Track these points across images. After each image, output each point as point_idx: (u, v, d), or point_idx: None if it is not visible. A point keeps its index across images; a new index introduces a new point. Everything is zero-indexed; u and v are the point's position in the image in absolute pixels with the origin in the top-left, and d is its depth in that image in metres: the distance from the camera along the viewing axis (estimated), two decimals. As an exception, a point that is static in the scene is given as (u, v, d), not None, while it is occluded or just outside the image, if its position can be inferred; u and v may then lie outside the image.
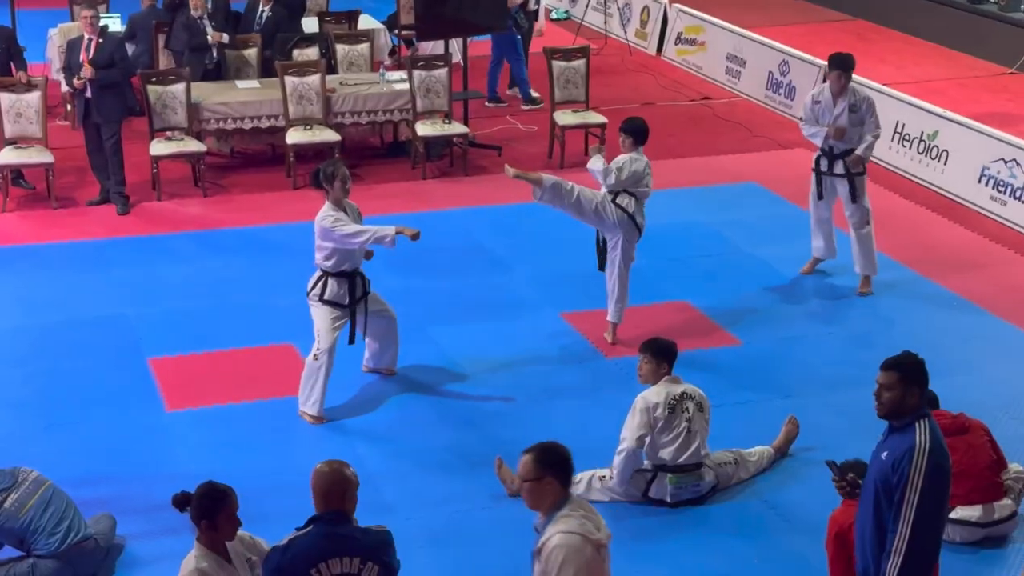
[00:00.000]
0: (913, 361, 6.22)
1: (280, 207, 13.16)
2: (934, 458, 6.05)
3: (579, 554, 5.82)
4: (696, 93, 17.41)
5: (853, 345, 10.55)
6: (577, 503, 6.00)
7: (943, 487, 6.13)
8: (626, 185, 10.14)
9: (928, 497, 6.02)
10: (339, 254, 9.14)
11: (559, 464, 5.93)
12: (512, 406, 9.53)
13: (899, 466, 6.04)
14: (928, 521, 6.06)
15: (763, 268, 11.93)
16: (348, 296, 9.23)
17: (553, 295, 11.31)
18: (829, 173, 11.38)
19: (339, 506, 5.88)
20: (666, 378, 8.34)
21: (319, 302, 9.19)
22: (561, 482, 5.91)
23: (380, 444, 9.08)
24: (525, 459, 5.94)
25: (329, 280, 9.20)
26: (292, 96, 13.73)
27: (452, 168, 14.45)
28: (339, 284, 9.21)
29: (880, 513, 6.17)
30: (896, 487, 6.05)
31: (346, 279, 9.22)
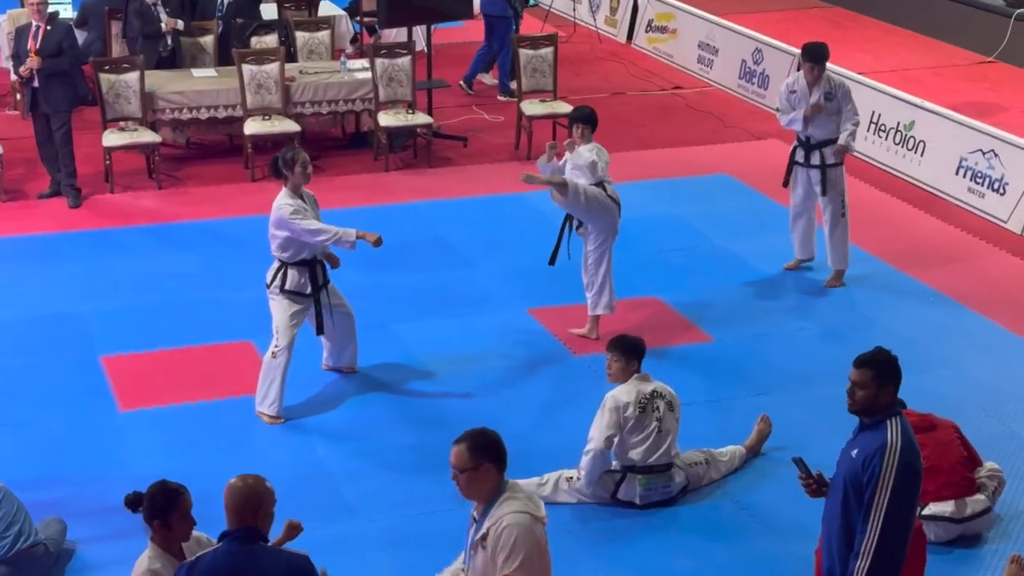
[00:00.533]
0: (886, 358, 6.27)
1: (238, 199, 13.13)
2: (905, 457, 6.10)
3: (530, 534, 5.95)
4: (667, 82, 17.45)
5: (827, 341, 10.60)
6: (514, 485, 6.09)
7: (914, 487, 6.18)
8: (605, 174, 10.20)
9: (898, 496, 6.07)
10: (295, 244, 9.12)
11: (494, 449, 6.03)
12: (477, 405, 9.53)
13: (870, 464, 6.09)
14: (898, 521, 6.10)
15: (736, 262, 11.97)
16: (310, 285, 9.22)
17: (519, 290, 11.33)
18: (805, 164, 11.42)
19: (252, 522, 5.79)
20: (636, 376, 8.37)
21: (280, 294, 9.17)
22: (498, 468, 6.02)
23: (341, 444, 9.07)
24: (458, 449, 6.01)
25: (289, 270, 9.19)
26: (250, 85, 13.70)
27: (416, 160, 14.45)
28: (299, 273, 9.20)
29: (849, 512, 6.22)
30: (866, 485, 6.10)
31: (306, 267, 9.22)
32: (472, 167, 14.29)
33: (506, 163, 14.33)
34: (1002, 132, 13.38)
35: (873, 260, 12.07)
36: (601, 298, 10.41)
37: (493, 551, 5.94)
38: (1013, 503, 8.44)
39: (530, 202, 13.13)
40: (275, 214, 9.07)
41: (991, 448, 8.71)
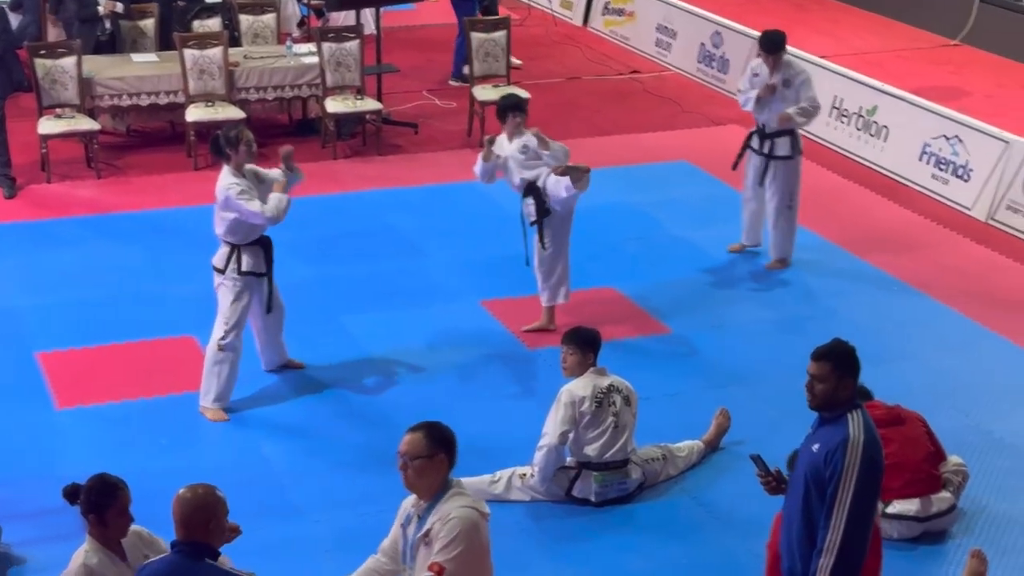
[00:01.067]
0: (844, 350, 6.29)
1: (180, 189, 13.06)
2: (868, 451, 6.12)
3: (476, 531, 5.94)
4: (624, 66, 17.46)
5: (787, 332, 10.64)
6: (459, 483, 6.07)
7: (876, 481, 6.21)
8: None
9: (861, 492, 6.09)
10: (244, 225, 9.08)
11: (450, 442, 6.02)
12: (428, 400, 9.51)
13: (832, 459, 6.11)
14: (861, 517, 6.13)
15: (694, 252, 12.00)
16: (265, 263, 9.22)
17: (472, 282, 11.32)
18: (759, 152, 11.48)
19: (201, 536, 5.70)
20: (592, 370, 8.37)
21: (238, 277, 9.12)
22: (450, 462, 6.00)
23: (287, 442, 9.05)
24: (415, 436, 5.97)
25: (242, 252, 9.15)
26: (192, 70, 13.63)
27: (365, 147, 14.41)
28: (254, 252, 9.19)
29: (810, 509, 6.23)
30: (829, 481, 6.11)
31: (260, 246, 9.21)
32: (423, 154, 14.27)
33: (458, 150, 14.31)
34: (966, 117, 13.47)
35: (834, 248, 12.13)
36: (561, 287, 10.43)
37: (439, 545, 5.90)
38: (977, 498, 8.50)
39: (482, 190, 13.08)
40: (221, 195, 9.02)
41: (955, 441, 8.76)
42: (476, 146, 14.22)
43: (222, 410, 9.25)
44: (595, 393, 8.26)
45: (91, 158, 13.54)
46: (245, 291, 9.18)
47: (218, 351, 9.18)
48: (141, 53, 14.44)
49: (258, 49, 14.59)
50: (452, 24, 16.49)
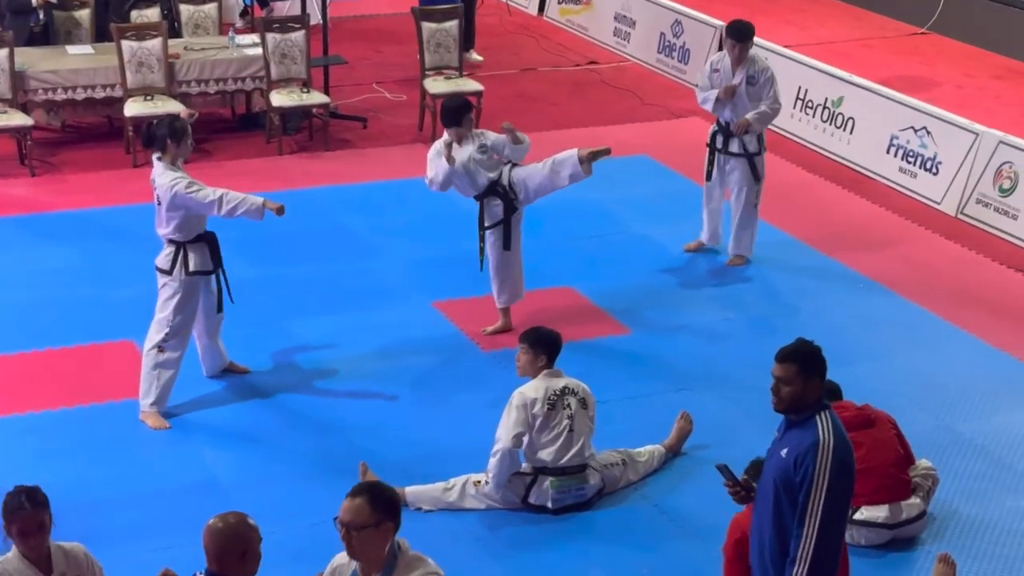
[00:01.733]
0: (809, 350, 6.30)
1: (118, 187, 13.02)
2: (839, 454, 6.13)
3: None
4: (581, 57, 17.51)
5: (751, 332, 10.70)
6: (406, 547, 5.60)
7: (848, 485, 6.22)
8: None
9: (833, 496, 6.10)
10: (192, 221, 9.05)
11: (395, 505, 5.56)
12: (378, 406, 9.53)
13: (802, 463, 6.12)
14: (833, 522, 6.15)
15: (654, 249, 12.05)
16: (211, 260, 9.20)
17: (424, 282, 11.34)
18: (724, 151, 11.51)
19: (236, 569, 5.58)
20: (546, 372, 8.40)
21: (186, 278, 9.09)
22: (396, 527, 5.53)
23: (232, 451, 9.03)
24: (357, 503, 5.48)
25: (188, 252, 9.11)
26: (130, 63, 13.58)
27: (311, 142, 14.41)
28: (200, 250, 9.16)
29: (781, 516, 6.23)
30: (800, 486, 6.12)
31: (205, 242, 9.18)
32: (372, 150, 14.27)
33: (409, 145, 14.32)
34: (935, 108, 13.57)
35: (799, 245, 12.20)
36: (517, 286, 10.49)
37: None
38: (947, 502, 8.56)
39: (435, 187, 13.15)
40: (168, 192, 8.92)
41: (925, 444, 8.83)
42: (427, 140, 14.22)
43: (163, 417, 9.23)
44: (548, 395, 8.29)
45: (24, 155, 13.48)
46: (192, 292, 9.16)
47: (158, 353, 9.14)
48: (76, 45, 14.38)
49: (199, 40, 14.55)
50: (401, 13, 16.48)
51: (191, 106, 13.76)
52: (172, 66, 13.80)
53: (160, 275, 9.20)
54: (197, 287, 9.19)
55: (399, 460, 8.81)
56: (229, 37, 14.39)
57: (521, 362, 8.45)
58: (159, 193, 9.01)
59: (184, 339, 9.24)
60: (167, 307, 9.16)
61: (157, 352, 9.16)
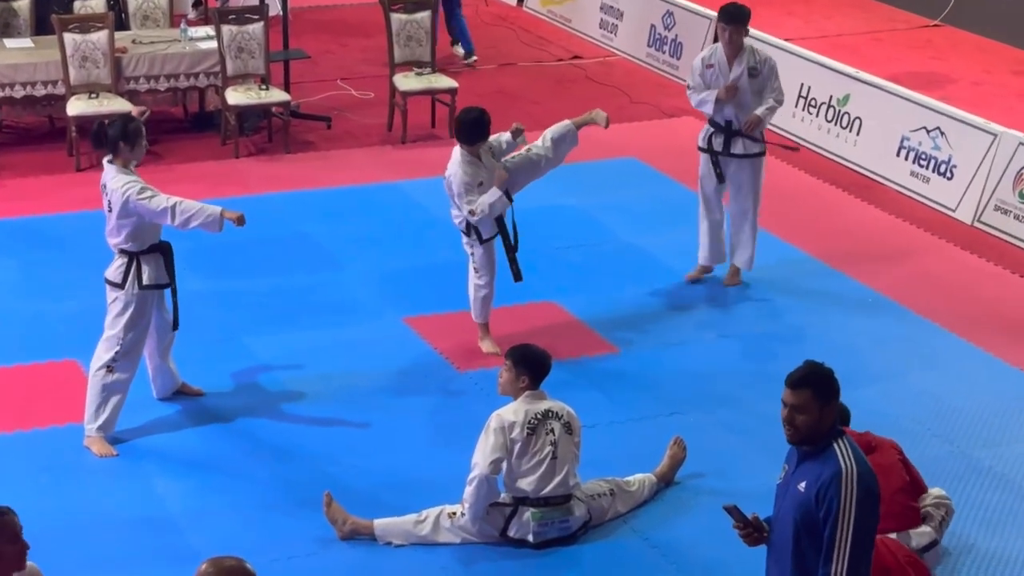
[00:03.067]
0: (823, 373, 6.27)
1: (60, 193, 13.03)
2: (864, 482, 6.11)
3: None
4: (564, 51, 17.57)
5: (750, 351, 10.74)
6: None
7: (876, 515, 6.20)
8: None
9: (861, 528, 6.10)
10: (145, 229, 9.05)
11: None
12: (344, 431, 9.54)
13: (825, 497, 6.10)
14: (864, 556, 6.13)
15: (645, 260, 12.09)
16: (167, 271, 9.20)
17: (393, 296, 11.36)
18: (725, 154, 11.45)
19: None
20: (528, 393, 8.42)
21: (139, 292, 9.09)
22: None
23: (185, 481, 9.04)
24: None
25: (142, 263, 9.11)
26: (74, 57, 13.60)
27: (271, 144, 14.44)
28: (154, 262, 9.14)
29: (803, 556, 6.21)
30: (824, 522, 6.11)
31: (159, 252, 9.18)
32: (337, 152, 14.30)
33: (377, 147, 14.36)
34: (949, 107, 13.62)
35: (802, 257, 12.24)
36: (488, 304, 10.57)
37: None
38: (963, 534, 8.59)
39: (405, 192, 13.17)
40: (119, 197, 8.91)
41: (938, 472, 8.87)
42: (397, 142, 14.30)
43: (109, 443, 9.24)
44: (528, 419, 8.30)
45: (-43, 158, 13.50)
46: (145, 307, 9.16)
47: (107, 373, 9.14)
48: (14, 38, 14.39)
49: (148, 33, 14.57)
50: (368, 4, 16.52)
51: (140, 104, 13.79)
52: (119, 61, 13.82)
53: (110, 289, 9.18)
54: (150, 302, 9.19)
55: (367, 489, 8.82)
56: (181, 29, 14.43)
57: (503, 379, 8.48)
58: (110, 199, 9.00)
59: (135, 358, 9.25)
60: (117, 323, 9.16)
61: (106, 372, 9.16)
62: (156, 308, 9.31)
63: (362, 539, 8.36)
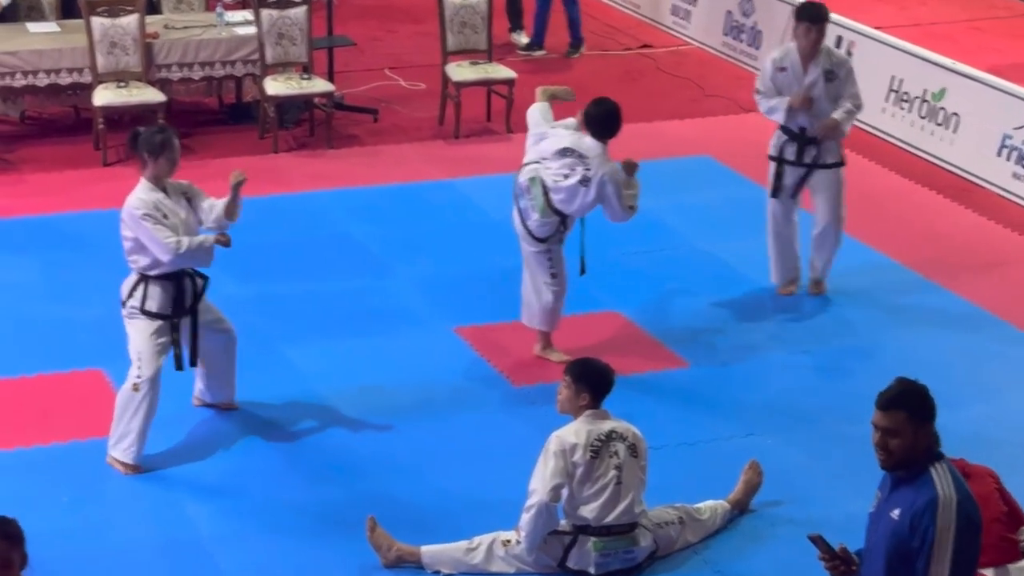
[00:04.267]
0: (917, 392, 6.21)
1: (86, 189, 13.10)
2: (964, 509, 6.06)
3: None
4: (633, 40, 17.56)
5: (832, 368, 10.68)
6: None
7: (977, 546, 6.15)
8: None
9: (961, 560, 6.06)
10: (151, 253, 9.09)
11: None
12: (390, 449, 9.55)
13: (920, 525, 6.06)
14: (964, 587, 6.15)
15: (718, 268, 12.08)
16: (172, 304, 9.22)
17: (444, 304, 11.37)
18: (798, 163, 11.40)
19: None
20: (589, 412, 8.39)
21: (141, 314, 9.13)
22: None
23: (215, 500, 9.07)
24: None
25: (150, 286, 9.16)
26: (101, 43, 13.66)
27: (312, 138, 14.48)
28: (163, 290, 9.17)
29: None
30: (919, 553, 6.07)
31: (171, 282, 9.19)
32: (384, 147, 14.33)
33: (427, 142, 14.38)
34: (1055, 103, 13.56)
35: (891, 265, 12.19)
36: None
37: None
38: (1065, 571, 8.54)
39: (458, 191, 13.18)
40: (125, 209, 9.01)
41: (1038, 502, 8.81)
42: (449, 136, 14.32)
43: (136, 461, 9.28)
44: (591, 440, 8.28)
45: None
46: (153, 331, 9.20)
47: (132, 391, 9.18)
48: (38, 22, 14.47)
49: (182, 17, 14.64)
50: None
51: (171, 93, 13.87)
52: (150, 47, 13.88)
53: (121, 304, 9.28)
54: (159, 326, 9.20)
55: (414, 513, 8.84)
56: (217, 13, 14.47)
57: (562, 396, 8.45)
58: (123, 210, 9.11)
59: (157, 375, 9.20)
60: (133, 343, 9.20)
61: (132, 391, 9.16)
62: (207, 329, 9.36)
63: (408, 567, 8.37)
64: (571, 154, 10.24)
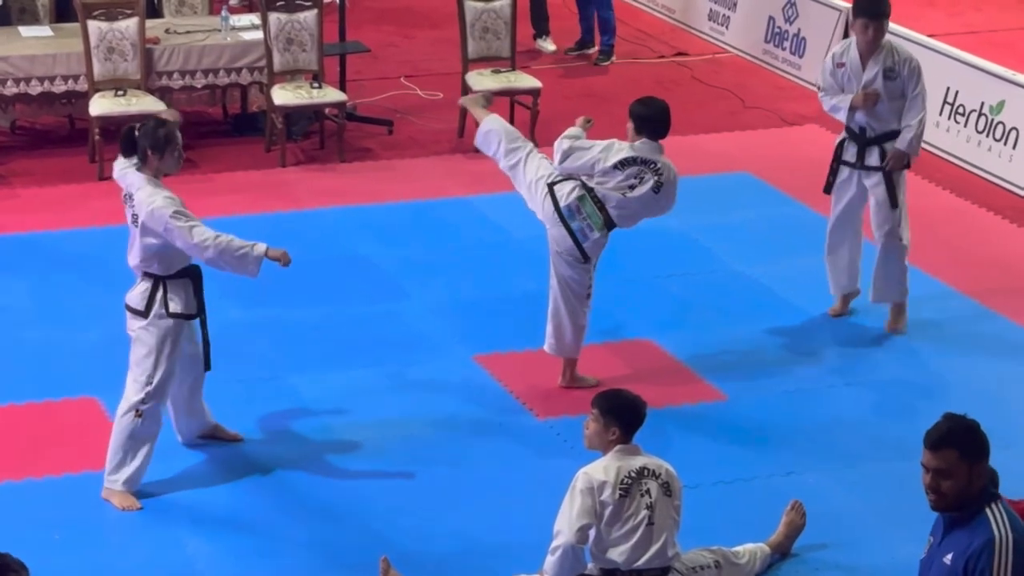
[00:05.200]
0: (966, 427, 6.19)
1: (79, 205, 13.14)
2: (1021, 552, 6.07)
3: None
4: (667, 47, 17.58)
5: (882, 403, 10.65)
6: None
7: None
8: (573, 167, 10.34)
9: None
10: (173, 252, 9.09)
11: None
12: (405, 486, 9.56)
13: (975, 568, 6.04)
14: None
15: (758, 293, 12.08)
16: (196, 300, 9.25)
17: (464, 330, 11.39)
18: (858, 165, 11.37)
19: None
20: (619, 448, 8.38)
21: (166, 319, 9.15)
22: None
23: (217, 540, 9.08)
24: None
25: (169, 287, 9.18)
26: (98, 49, 13.72)
27: (323, 151, 14.52)
28: (183, 289, 9.19)
29: None
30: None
31: (188, 278, 9.22)
32: (400, 162, 14.37)
33: (446, 156, 14.41)
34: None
35: (947, 292, 12.15)
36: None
37: None
38: None
39: (479, 209, 13.19)
40: (145, 211, 8.94)
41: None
42: (469, 150, 14.30)
43: (133, 495, 9.30)
44: (621, 478, 8.26)
45: (-38, 163, 13.66)
46: (175, 339, 9.21)
47: (135, 418, 9.17)
48: (31, 26, 14.53)
49: (184, 21, 14.69)
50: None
51: (173, 104, 13.89)
52: (150, 53, 13.93)
53: (132, 317, 9.23)
54: (180, 333, 9.24)
55: (430, 556, 8.85)
56: (222, 17, 14.50)
57: (589, 430, 8.43)
58: (136, 211, 9.09)
59: (166, 399, 9.29)
60: (146, 360, 9.19)
61: (134, 417, 9.16)
62: (188, 340, 9.37)
63: (424, 613, 8.39)
64: (634, 163, 10.26)
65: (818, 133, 14.61)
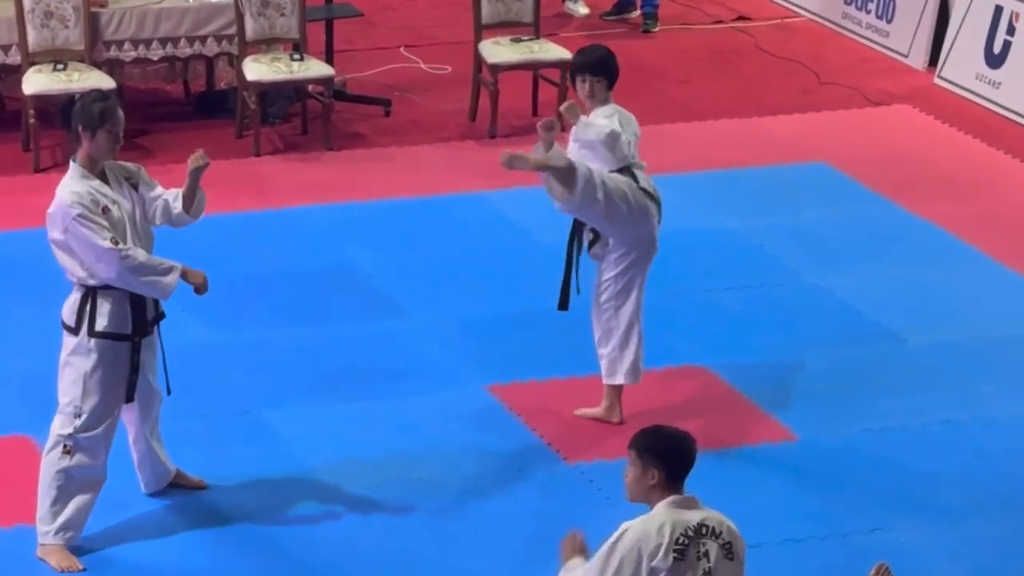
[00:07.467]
0: None
1: (11, 202, 13.20)
2: None
3: None
4: (726, 10, 17.62)
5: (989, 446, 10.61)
6: None
7: None
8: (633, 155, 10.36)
9: None
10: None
11: None
12: (403, 543, 9.57)
13: None
14: None
15: (836, 310, 12.11)
16: (131, 321, 9.21)
17: (476, 355, 11.43)
18: None
19: None
20: (672, 499, 8.32)
21: (91, 340, 9.14)
22: None
23: (176, 607, 9.16)
24: None
25: (99, 299, 9.15)
26: (33, 13, 13.76)
27: (306, 137, 14.58)
28: (118, 303, 9.15)
29: None
30: None
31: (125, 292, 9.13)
32: (399, 150, 14.42)
33: (455, 143, 14.45)
34: None
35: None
36: (624, 357, 10.51)
37: None
38: None
39: (494, 206, 13.22)
40: (55, 207, 8.96)
41: None
42: (483, 136, 14.35)
43: (71, 551, 9.31)
44: (676, 537, 8.21)
45: None
46: (112, 361, 9.17)
47: (62, 454, 9.17)
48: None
49: (137, -20, 14.79)
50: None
51: (123, 78, 13.96)
52: (96, 19, 13.98)
53: (66, 335, 9.24)
54: (120, 354, 9.22)
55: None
56: (183, -26, 14.60)
57: (629, 477, 8.37)
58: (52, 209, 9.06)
59: (106, 433, 9.25)
60: (74, 386, 9.16)
61: (62, 454, 9.15)
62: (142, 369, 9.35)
63: None
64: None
65: (910, 115, 14.63)
